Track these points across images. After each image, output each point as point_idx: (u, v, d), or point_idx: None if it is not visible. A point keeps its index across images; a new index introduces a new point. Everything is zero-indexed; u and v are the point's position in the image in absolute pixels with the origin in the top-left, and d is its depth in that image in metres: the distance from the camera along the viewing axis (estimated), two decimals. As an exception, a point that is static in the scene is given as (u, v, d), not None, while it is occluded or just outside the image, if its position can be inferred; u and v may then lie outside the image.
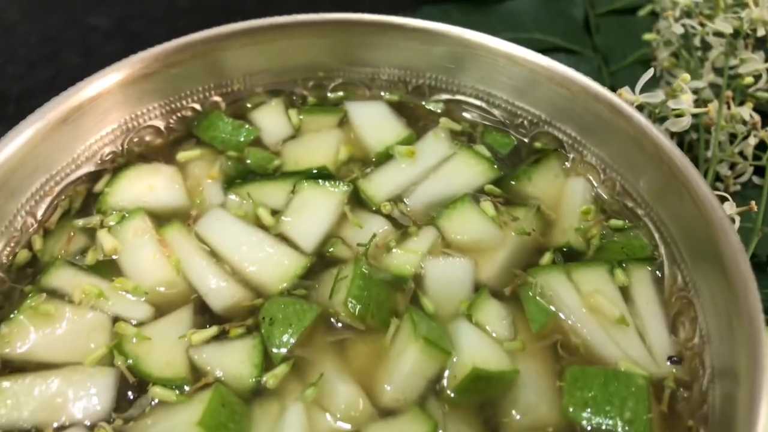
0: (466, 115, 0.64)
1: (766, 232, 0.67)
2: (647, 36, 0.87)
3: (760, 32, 0.77)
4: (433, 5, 1.01)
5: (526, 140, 0.63)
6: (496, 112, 0.64)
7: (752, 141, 0.73)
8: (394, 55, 0.63)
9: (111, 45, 0.97)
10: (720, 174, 0.74)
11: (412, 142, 0.62)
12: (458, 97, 0.64)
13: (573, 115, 0.59)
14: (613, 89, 0.90)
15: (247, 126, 0.64)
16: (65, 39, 0.97)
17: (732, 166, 0.75)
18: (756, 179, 0.76)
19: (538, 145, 0.63)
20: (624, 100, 0.61)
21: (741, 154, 0.75)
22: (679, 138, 0.77)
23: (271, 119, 0.64)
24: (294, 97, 0.66)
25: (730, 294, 0.46)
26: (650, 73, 0.61)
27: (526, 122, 0.62)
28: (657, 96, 0.61)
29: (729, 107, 0.76)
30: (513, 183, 0.60)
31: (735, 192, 0.75)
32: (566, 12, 0.96)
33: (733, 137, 0.76)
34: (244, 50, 0.62)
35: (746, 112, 0.75)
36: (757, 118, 0.75)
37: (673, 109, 0.62)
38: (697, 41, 0.82)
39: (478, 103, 0.64)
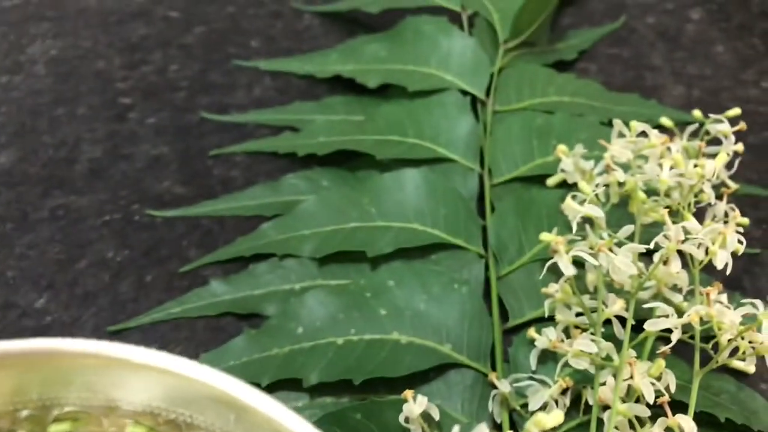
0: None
1: None
2: (544, 236, 0.70)
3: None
4: (298, 171, 0.83)
5: None
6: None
7: (657, 432, 0.55)
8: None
9: None
10: (618, 474, 0.57)
11: None
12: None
13: None
14: (501, 302, 0.72)
15: None
16: None
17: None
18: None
19: None
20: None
21: (647, 445, 0.57)
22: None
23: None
24: (0, 436, 0.47)
25: None
26: None
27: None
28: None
29: (631, 367, 0.59)
30: None
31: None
32: (454, 189, 0.78)
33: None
34: None
35: (649, 390, 0.57)
36: (664, 397, 0.57)
37: None
38: (603, 260, 0.65)
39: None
